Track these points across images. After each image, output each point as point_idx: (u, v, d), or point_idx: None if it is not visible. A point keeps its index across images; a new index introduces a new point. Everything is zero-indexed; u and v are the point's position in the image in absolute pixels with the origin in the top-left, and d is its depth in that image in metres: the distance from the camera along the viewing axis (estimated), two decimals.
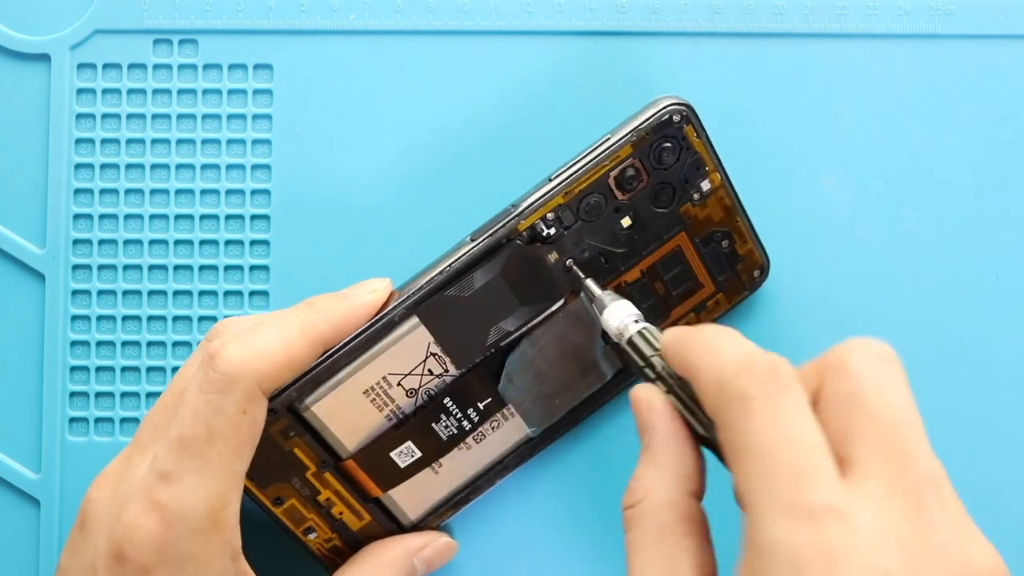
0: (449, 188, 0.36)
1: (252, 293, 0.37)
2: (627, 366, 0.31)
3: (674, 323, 0.34)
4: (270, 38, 0.37)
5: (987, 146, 0.36)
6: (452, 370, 0.33)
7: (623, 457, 0.36)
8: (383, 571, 0.33)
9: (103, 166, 0.37)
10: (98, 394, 0.37)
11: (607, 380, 0.34)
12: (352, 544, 0.34)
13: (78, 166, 0.37)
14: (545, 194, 0.32)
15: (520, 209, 0.32)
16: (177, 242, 0.37)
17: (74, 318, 0.37)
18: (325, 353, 0.32)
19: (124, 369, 0.37)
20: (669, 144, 0.32)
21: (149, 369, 0.37)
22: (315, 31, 0.37)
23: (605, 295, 0.31)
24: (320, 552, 0.34)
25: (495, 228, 0.32)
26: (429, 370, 0.33)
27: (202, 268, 0.37)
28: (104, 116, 0.37)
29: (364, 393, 0.33)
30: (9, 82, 0.37)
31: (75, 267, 0.37)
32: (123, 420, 0.37)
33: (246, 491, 0.32)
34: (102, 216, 0.37)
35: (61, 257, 0.37)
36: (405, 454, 0.33)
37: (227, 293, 0.37)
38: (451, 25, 0.37)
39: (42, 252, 0.37)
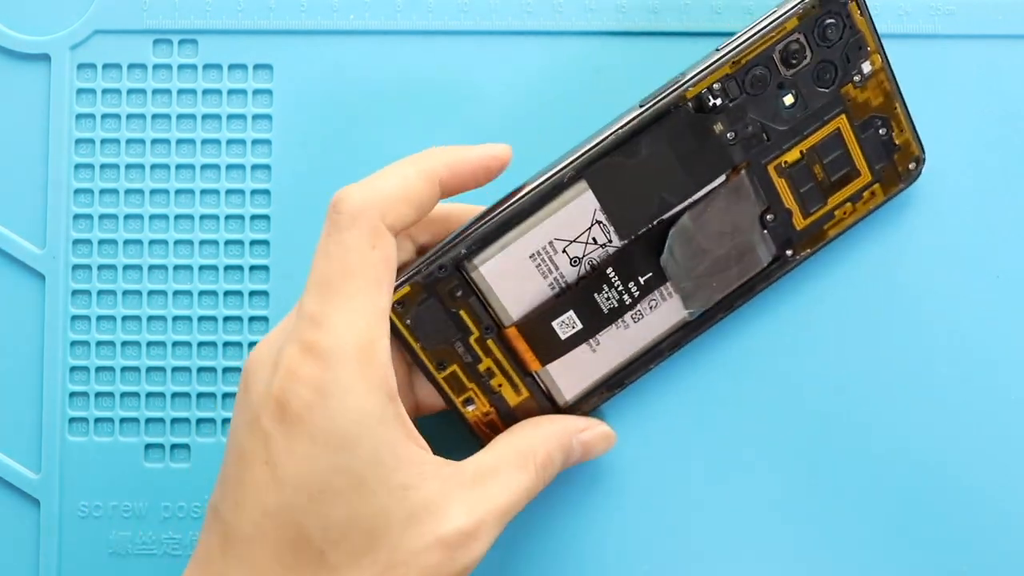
0: None
1: (252, 293, 0.37)
2: None
3: (831, 211, 0.35)
4: (270, 38, 0.37)
5: (987, 146, 0.36)
6: (615, 240, 0.33)
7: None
8: (541, 440, 0.33)
9: (103, 166, 0.37)
10: (98, 394, 0.37)
11: (763, 266, 0.34)
12: (508, 421, 0.34)
13: (78, 166, 0.37)
14: (713, 63, 0.32)
15: (688, 77, 0.32)
16: (177, 242, 0.37)
17: (74, 318, 0.37)
18: (445, 196, 0.32)
19: (124, 369, 0.37)
20: (833, 20, 0.33)
21: (149, 369, 0.37)
22: (315, 31, 0.37)
23: None
24: (477, 426, 0.34)
25: (663, 95, 0.32)
26: (593, 239, 0.33)
27: (202, 268, 0.37)
28: (104, 116, 0.37)
29: (530, 257, 0.33)
30: (9, 82, 0.37)
31: (75, 267, 0.37)
32: (123, 420, 0.37)
33: (411, 352, 0.33)
34: (102, 216, 0.37)
35: (61, 257, 0.37)
36: (566, 325, 0.33)
37: (227, 293, 0.37)
38: (451, 25, 0.37)
39: (42, 252, 0.37)
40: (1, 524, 0.37)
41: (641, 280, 0.34)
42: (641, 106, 0.33)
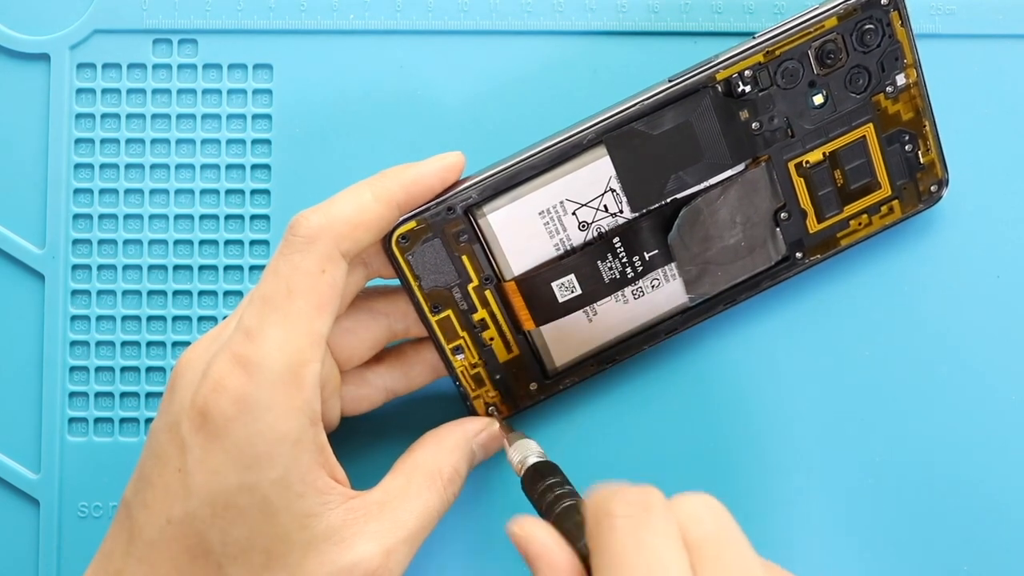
0: None
1: None
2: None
3: (846, 219, 0.35)
4: (270, 38, 0.37)
5: (987, 146, 0.36)
6: (626, 211, 0.33)
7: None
8: (445, 456, 0.32)
9: (103, 166, 0.37)
10: (98, 394, 0.37)
11: (771, 264, 0.34)
12: (495, 377, 0.34)
13: (78, 166, 0.37)
14: (747, 49, 0.33)
15: (720, 59, 0.33)
16: (177, 242, 0.37)
17: (74, 318, 0.37)
18: (402, 216, 0.32)
19: (124, 369, 0.37)
20: (873, 26, 0.33)
21: (149, 369, 0.37)
22: (315, 31, 0.37)
23: (516, 435, 0.33)
24: (463, 376, 0.34)
25: (693, 73, 0.32)
26: (605, 206, 0.33)
27: (202, 268, 0.37)
28: (103, 116, 0.37)
29: (540, 214, 0.33)
30: (9, 82, 0.37)
31: (75, 267, 0.37)
32: (123, 420, 0.37)
33: (409, 290, 0.33)
34: (102, 216, 0.37)
35: (61, 257, 0.37)
36: (566, 288, 0.34)
37: (227, 293, 0.37)
38: (451, 25, 0.37)
39: (42, 252, 0.37)
40: (1, 524, 0.37)
41: (646, 256, 0.34)
42: (670, 81, 0.33)
